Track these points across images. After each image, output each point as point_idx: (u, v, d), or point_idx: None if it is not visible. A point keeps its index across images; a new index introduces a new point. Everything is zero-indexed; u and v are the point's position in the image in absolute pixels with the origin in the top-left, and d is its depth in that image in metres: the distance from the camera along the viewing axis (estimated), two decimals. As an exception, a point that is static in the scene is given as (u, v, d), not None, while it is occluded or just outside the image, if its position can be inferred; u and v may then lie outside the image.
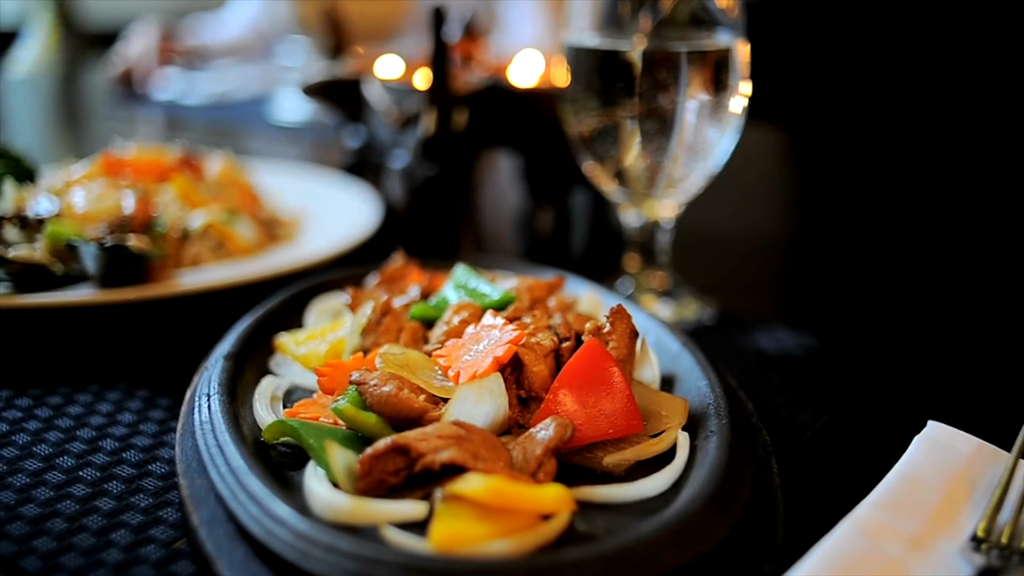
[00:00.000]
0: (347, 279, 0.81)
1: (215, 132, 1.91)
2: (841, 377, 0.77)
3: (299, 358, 0.67)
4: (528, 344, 0.59)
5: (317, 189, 1.11)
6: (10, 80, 3.09)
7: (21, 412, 0.69)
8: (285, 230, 0.97)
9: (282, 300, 0.75)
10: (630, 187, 0.85)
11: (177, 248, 0.89)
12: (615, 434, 0.57)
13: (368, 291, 0.72)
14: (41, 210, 0.91)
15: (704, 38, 0.82)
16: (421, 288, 0.69)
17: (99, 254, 0.77)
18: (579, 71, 0.83)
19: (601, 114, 0.82)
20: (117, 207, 0.89)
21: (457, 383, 0.57)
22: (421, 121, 0.87)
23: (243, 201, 0.97)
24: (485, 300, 0.67)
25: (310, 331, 0.70)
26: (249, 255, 0.91)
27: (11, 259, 0.79)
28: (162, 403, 0.70)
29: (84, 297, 0.76)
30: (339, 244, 0.90)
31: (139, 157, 0.98)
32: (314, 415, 0.59)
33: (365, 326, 0.64)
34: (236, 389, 0.61)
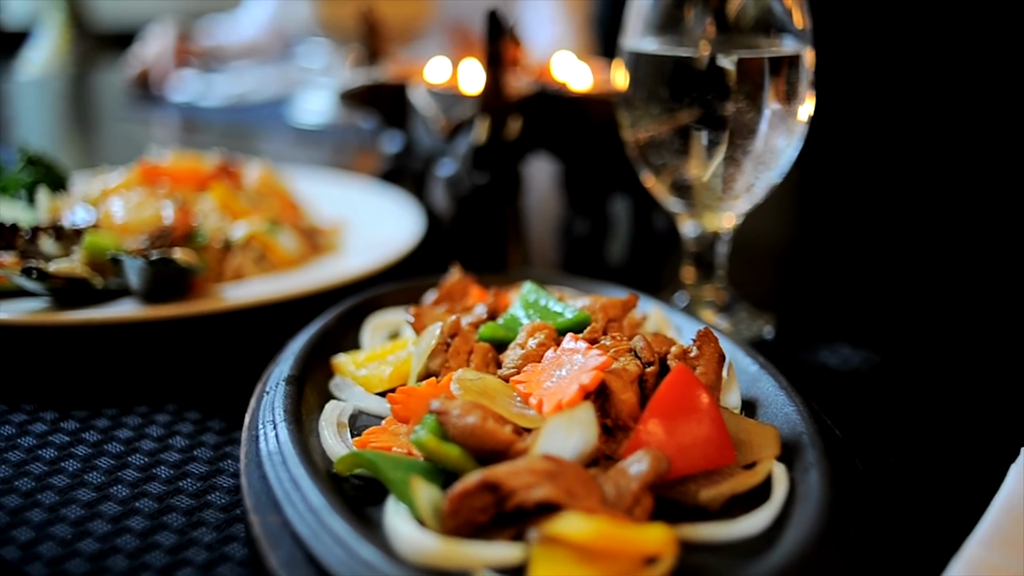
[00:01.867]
0: (400, 294, 0.78)
1: (233, 134, 1.88)
2: (913, 396, 0.74)
3: (361, 381, 0.64)
4: (614, 370, 0.56)
5: (354, 197, 1.08)
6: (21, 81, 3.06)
7: (68, 436, 0.65)
8: (327, 241, 0.94)
9: (337, 317, 0.72)
10: (690, 197, 0.82)
11: (219, 260, 0.86)
12: (706, 466, 0.54)
13: (429, 309, 0.69)
14: (78, 220, 0.88)
15: (770, 44, 0.78)
16: (487, 306, 0.66)
17: (145, 268, 0.73)
18: (640, 77, 0.80)
19: (663, 122, 0.79)
20: (157, 217, 0.86)
21: (541, 412, 0.54)
22: (472, 128, 0.84)
23: (284, 211, 0.93)
24: (558, 320, 0.63)
25: (369, 351, 0.67)
26: (292, 267, 0.88)
27: (52, 273, 0.75)
28: (214, 426, 0.67)
29: (132, 313, 0.73)
30: (385, 256, 0.87)
31: (176, 165, 0.94)
32: (385, 444, 0.55)
33: (434, 348, 0.61)
34: (301, 415, 0.58)
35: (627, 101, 0.82)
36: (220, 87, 2.14)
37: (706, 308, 0.85)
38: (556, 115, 0.95)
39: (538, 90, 0.95)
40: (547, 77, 1.03)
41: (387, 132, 1.11)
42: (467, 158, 0.85)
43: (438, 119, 0.89)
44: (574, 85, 0.98)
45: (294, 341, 0.70)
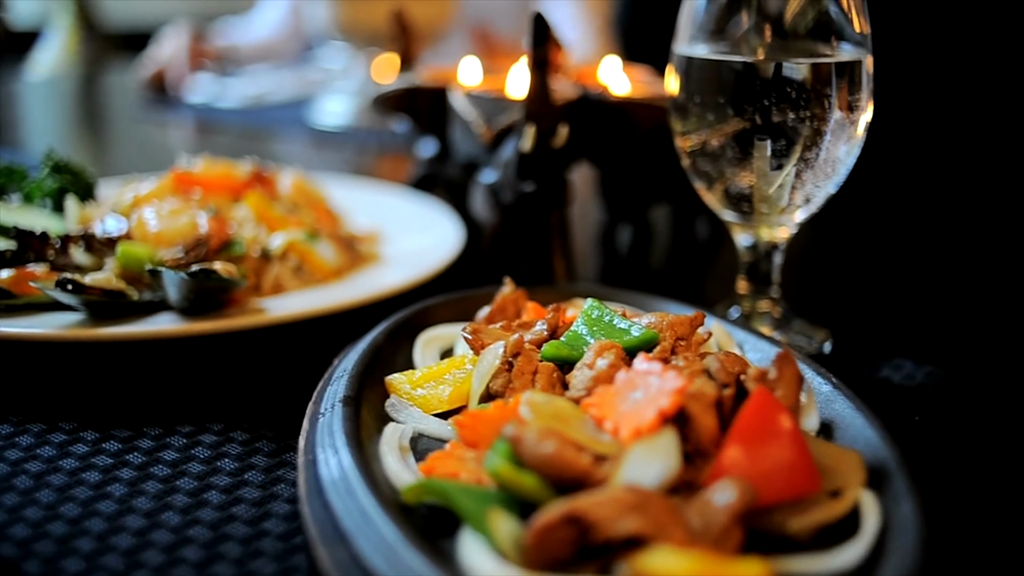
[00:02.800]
0: (448, 308, 0.75)
1: (250, 137, 1.85)
2: (986, 414, 0.71)
3: (418, 401, 0.61)
4: (692, 393, 0.53)
5: (388, 204, 1.05)
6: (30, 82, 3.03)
7: (111, 458, 0.63)
8: (365, 251, 0.91)
9: (387, 333, 0.69)
10: (746, 208, 0.79)
11: (256, 272, 0.83)
12: (792, 494, 0.51)
13: (483, 325, 0.66)
14: (109, 229, 0.85)
15: (828, 49, 0.76)
16: (548, 323, 0.63)
17: (186, 282, 0.71)
18: (695, 83, 0.77)
19: (719, 130, 0.76)
20: (192, 227, 0.83)
21: (616, 437, 0.52)
22: (517, 135, 0.81)
23: (321, 220, 0.91)
24: (624, 339, 0.61)
25: (425, 370, 0.64)
26: (332, 279, 0.85)
27: (89, 286, 0.73)
28: (263, 447, 0.64)
29: (174, 328, 0.70)
30: (429, 266, 0.84)
31: (209, 172, 0.91)
32: (451, 470, 0.53)
33: (497, 368, 0.58)
34: (362, 439, 0.55)
35: (680, 108, 0.79)
36: (237, 88, 2.11)
37: (762, 322, 0.83)
38: (599, 121, 0.92)
39: (580, 95, 0.92)
40: (586, 81, 1.01)
41: (421, 138, 1.08)
42: (512, 166, 0.83)
43: (480, 125, 0.87)
44: (616, 90, 0.96)
45: (344, 358, 0.68)
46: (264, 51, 2.42)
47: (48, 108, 2.40)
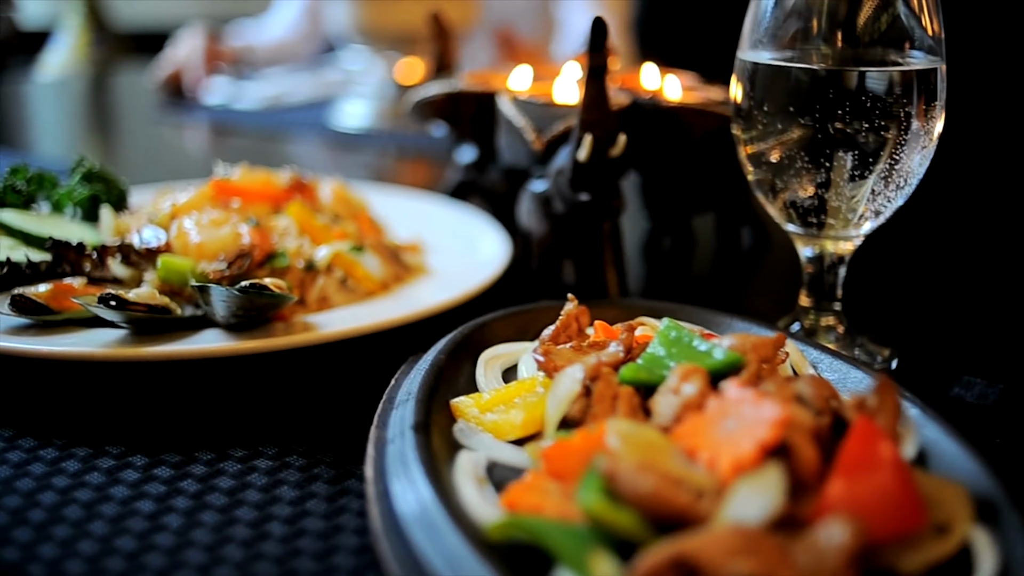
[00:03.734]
0: (507, 324, 0.72)
1: (268, 139, 1.82)
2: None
3: (489, 427, 0.58)
4: (792, 422, 0.50)
5: (426, 213, 1.02)
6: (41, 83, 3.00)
7: (164, 484, 0.59)
8: (411, 262, 0.88)
9: (448, 351, 0.66)
10: (812, 219, 0.76)
11: (300, 285, 0.80)
12: (899, 530, 0.48)
13: (552, 346, 0.63)
14: (148, 241, 0.82)
15: (901, 56, 0.73)
16: (623, 344, 0.60)
17: (237, 298, 0.67)
18: (761, 91, 0.74)
19: (787, 139, 0.73)
20: (234, 238, 0.80)
21: (712, 470, 0.49)
22: (573, 143, 0.78)
23: (365, 230, 0.88)
24: (707, 361, 0.58)
25: (494, 393, 0.61)
26: (379, 293, 0.82)
27: (134, 301, 0.70)
28: (322, 474, 0.61)
29: (230, 346, 0.67)
30: (479, 279, 0.81)
31: (248, 181, 0.88)
32: (535, 504, 0.50)
33: (577, 393, 0.55)
34: (440, 470, 0.52)
35: (745, 116, 0.76)
36: (253, 90, 2.08)
37: (826, 337, 0.80)
38: (651, 128, 0.89)
39: (631, 101, 0.89)
40: (634, 87, 0.98)
41: (459, 144, 1.05)
42: (566, 175, 0.80)
43: (531, 133, 0.84)
44: (668, 96, 0.93)
45: (404, 378, 0.65)
46: (279, 52, 2.40)
47: (59, 110, 2.37)
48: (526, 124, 0.84)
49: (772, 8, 0.75)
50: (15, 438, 0.65)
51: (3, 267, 0.80)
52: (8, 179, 0.94)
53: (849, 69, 0.70)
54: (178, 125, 2.00)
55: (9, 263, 0.80)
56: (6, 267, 0.79)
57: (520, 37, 2.00)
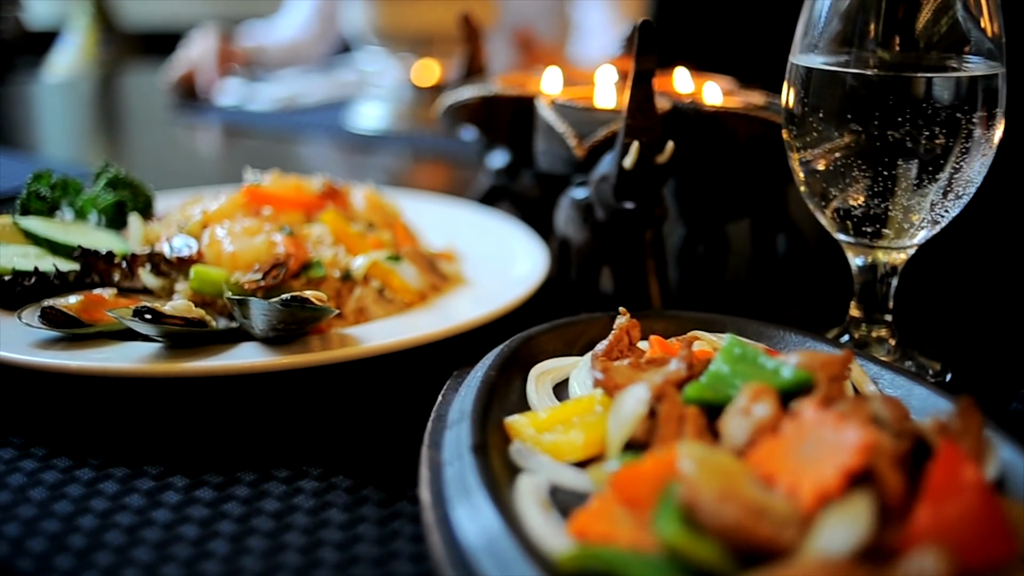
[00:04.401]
0: (554, 337, 0.70)
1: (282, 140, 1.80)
2: None
3: (548, 448, 0.56)
4: (876, 447, 0.48)
5: (456, 219, 1.00)
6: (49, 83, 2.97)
7: (207, 508, 0.57)
8: (448, 272, 0.85)
9: (499, 367, 0.63)
10: (867, 228, 0.74)
11: (336, 296, 0.77)
12: (989, 560, 0.46)
13: (609, 362, 0.61)
14: (180, 250, 0.80)
15: (959, 61, 0.70)
16: (684, 361, 0.58)
17: (280, 311, 0.65)
18: (816, 96, 0.72)
19: (842, 146, 0.71)
20: (269, 247, 0.77)
21: (793, 497, 0.46)
22: (619, 149, 0.76)
23: (400, 238, 0.85)
24: (775, 380, 0.55)
25: (549, 412, 0.59)
26: (417, 303, 0.79)
27: (170, 315, 0.67)
28: (371, 495, 0.59)
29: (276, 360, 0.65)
30: (521, 289, 0.79)
31: (279, 188, 0.86)
32: (606, 532, 0.47)
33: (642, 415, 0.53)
34: (503, 495, 0.50)
35: (798, 122, 0.74)
36: (267, 91, 2.06)
37: (879, 350, 0.77)
38: (692, 133, 0.87)
39: (671, 106, 0.87)
40: (670, 91, 0.95)
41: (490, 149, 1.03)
42: (610, 182, 0.77)
43: (573, 138, 0.81)
44: (707, 100, 0.90)
45: (453, 395, 0.63)
46: (291, 52, 2.38)
47: (67, 111, 2.35)
48: (567, 129, 0.82)
49: (827, 11, 0.72)
50: (49, 457, 0.63)
51: (30, 277, 0.77)
52: (32, 185, 0.92)
53: (911, 75, 0.68)
54: (191, 126, 1.98)
55: (37, 273, 0.77)
56: (34, 277, 0.77)
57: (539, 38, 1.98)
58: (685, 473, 0.47)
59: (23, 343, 0.69)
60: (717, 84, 0.96)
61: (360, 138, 1.79)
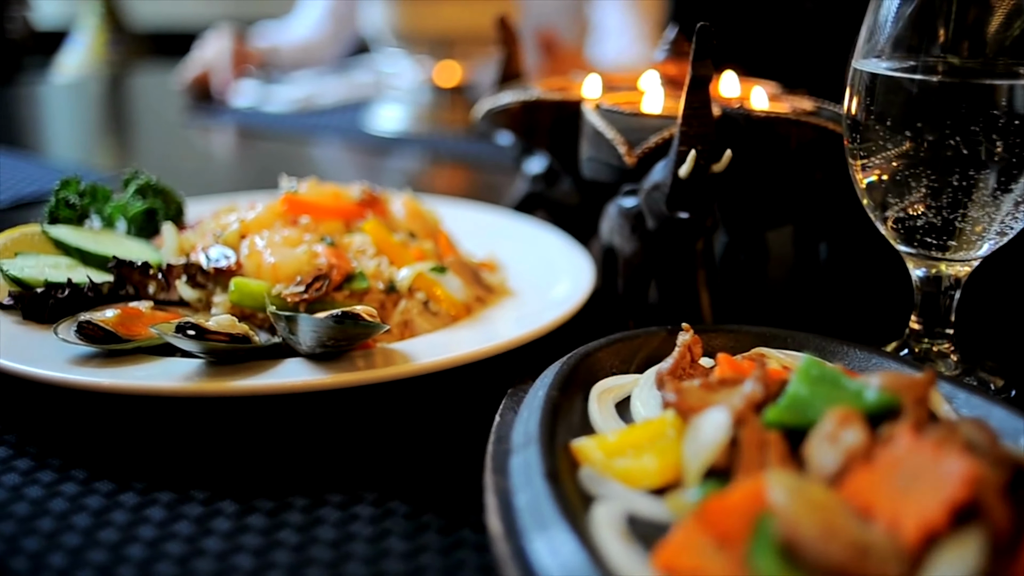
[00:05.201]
0: (609, 352, 0.67)
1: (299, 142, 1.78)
2: None
3: (620, 474, 0.53)
4: (980, 477, 0.45)
5: (493, 226, 0.97)
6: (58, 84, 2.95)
7: (260, 535, 0.55)
8: (492, 283, 0.82)
9: (560, 386, 0.61)
10: (932, 240, 0.71)
11: (382, 309, 0.75)
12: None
13: (679, 382, 0.58)
14: (217, 260, 0.77)
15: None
16: (760, 382, 0.55)
17: (331, 328, 0.63)
18: (881, 103, 0.69)
19: (909, 155, 0.68)
20: (310, 258, 0.75)
21: (894, 532, 0.44)
22: (671, 157, 0.73)
23: (442, 248, 0.83)
24: (858, 403, 0.53)
25: (618, 434, 0.56)
26: (463, 317, 0.77)
27: (214, 331, 0.65)
28: (431, 522, 0.56)
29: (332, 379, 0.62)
30: (570, 302, 0.76)
31: (319, 196, 0.83)
32: (694, 566, 0.45)
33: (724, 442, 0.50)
34: (583, 527, 0.47)
35: (861, 130, 0.71)
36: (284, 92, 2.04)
37: (943, 365, 0.75)
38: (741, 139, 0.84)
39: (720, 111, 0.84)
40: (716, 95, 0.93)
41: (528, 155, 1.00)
42: (663, 191, 0.75)
43: (622, 145, 0.79)
44: (756, 105, 0.88)
45: (515, 417, 0.60)
46: (305, 53, 2.35)
47: (76, 112, 2.32)
48: (616, 136, 0.79)
49: (892, 16, 0.70)
50: (90, 480, 0.60)
51: (64, 289, 0.75)
52: (60, 192, 0.89)
53: (985, 82, 0.65)
54: (205, 128, 1.95)
55: (71, 285, 0.75)
56: (67, 289, 0.75)
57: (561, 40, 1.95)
58: (779, 506, 0.45)
59: (60, 359, 0.66)
60: (763, 88, 0.93)
61: (378, 140, 1.76)
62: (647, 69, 0.96)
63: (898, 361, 0.67)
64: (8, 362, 0.65)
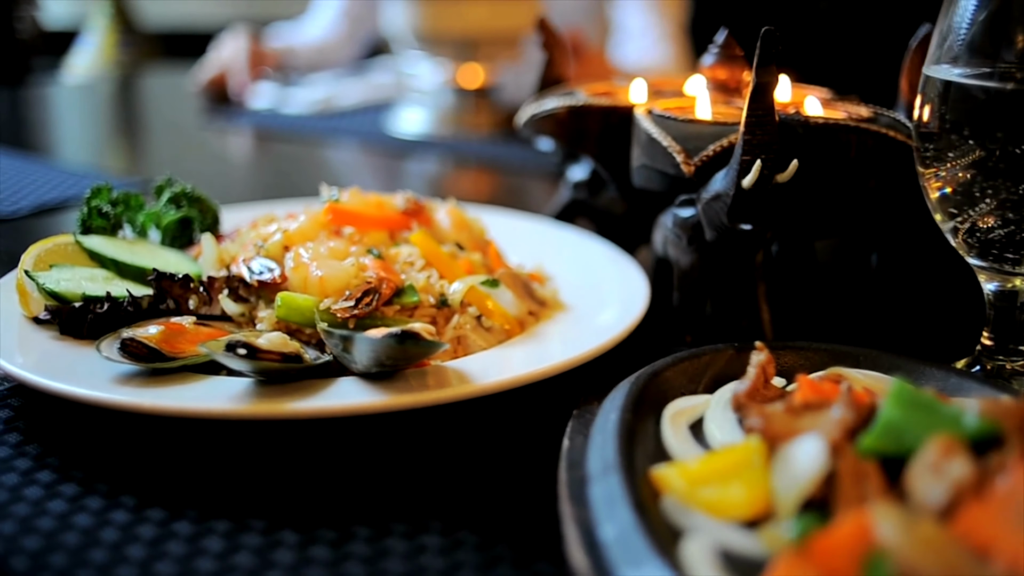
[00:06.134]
0: (676, 371, 0.65)
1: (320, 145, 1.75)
2: None
3: (706, 504, 0.51)
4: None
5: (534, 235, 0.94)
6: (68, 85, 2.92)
7: (324, 570, 0.52)
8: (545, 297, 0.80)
9: (631, 408, 0.58)
10: (1008, 253, 0.69)
11: (433, 325, 0.72)
12: None
13: (760, 406, 0.56)
14: (260, 273, 0.74)
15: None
16: (851, 407, 0.53)
17: (391, 347, 0.60)
18: (956, 112, 0.67)
19: (987, 166, 0.66)
20: (359, 271, 0.72)
21: (1019, 572, 0.41)
22: (733, 167, 0.71)
23: (491, 260, 0.80)
24: (958, 430, 0.50)
25: (699, 462, 0.53)
26: (516, 333, 0.74)
27: (266, 350, 0.62)
28: (503, 553, 0.53)
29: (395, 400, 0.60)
30: (628, 318, 0.73)
31: (362, 206, 0.81)
32: (799, 609, 0.42)
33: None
34: (680, 564, 0.45)
35: (935, 139, 0.68)
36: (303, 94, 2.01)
37: (1019, 383, 0.72)
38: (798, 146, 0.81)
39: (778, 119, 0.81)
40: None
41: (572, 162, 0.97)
42: (724, 201, 0.72)
43: (680, 154, 0.76)
44: (811, 111, 0.85)
45: (586, 442, 0.57)
46: (320, 53, 2.33)
47: (87, 113, 2.29)
48: (672, 144, 0.77)
49: (968, 21, 0.67)
50: (141, 507, 0.57)
51: (102, 304, 0.72)
52: (92, 200, 0.87)
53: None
54: (222, 131, 1.93)
55: (110, 299, 0.72)
56: (107, 303, 0.72)
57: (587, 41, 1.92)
58: (892, 544, 0.42)
59: (103, 378, 0.64)
60: (815, 94, 0.91)
61: (399, 143, 1.74)
62: (692, 73, 0.93)
63: (976, 380, 0.65)
64: (52, 381, 0.62)
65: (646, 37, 2.02)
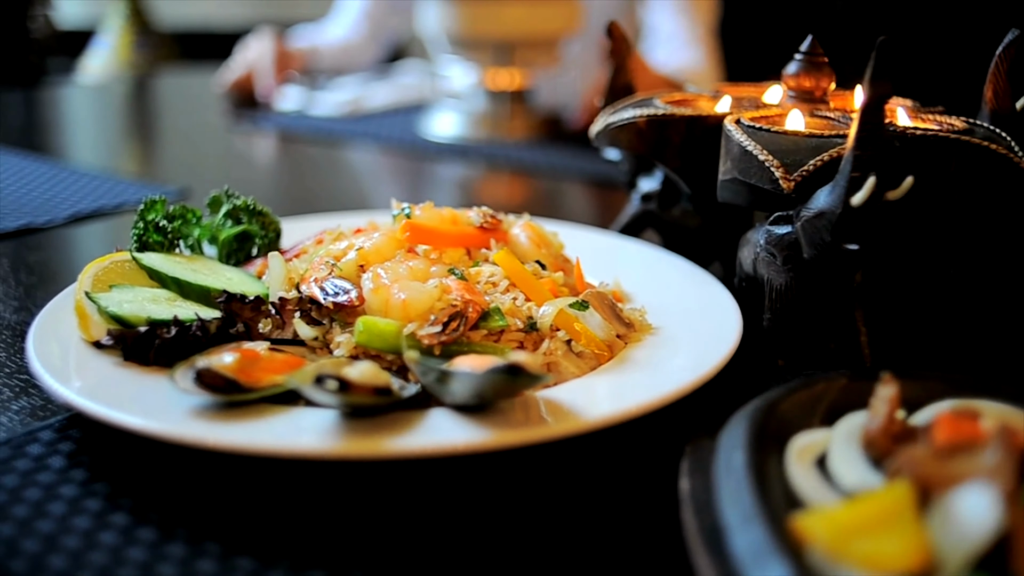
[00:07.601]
0: (791, 403, 0.61)
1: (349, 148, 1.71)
2: None
3: (862, 559, 0.46)
4: None
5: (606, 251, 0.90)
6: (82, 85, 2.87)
7: (442, 626, 0.48)
8: (633, 319, 0.75)
9: (755, 447, 0.54)
10: None
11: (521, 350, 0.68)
12: None
13: (906, 448, 0.52)
14: (336, 295, 0.70)
15: None
16: (1009, 449, 0.49)
17: (493, 381, 0.56)
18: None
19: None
20: (442, 293, 0.68)
21: None
22: (841, 183, 0.67)
23: (576, 281, 0.76)
24: None
25: (844, 510, 0.49)
26: (606, 358, 0.70)
27: (357, 383, 0.58)
28: (630, 608, 0.50)
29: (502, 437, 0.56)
30: (726, 342, 0.69)
31: (437, 221, 0.76)
32: None
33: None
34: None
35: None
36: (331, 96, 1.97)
37: None
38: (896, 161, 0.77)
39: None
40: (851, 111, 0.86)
41: (642, 173, 0.93)
42: (828, 219, 0.68)
43: (778, 168, 0.72)
44: (901, 123, 0.81)
45: (715, 485, 0.53)
46: (344, 54, 2.28)
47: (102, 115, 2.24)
48: (769, 158, 0.73)
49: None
50: (228, 555, 0.53)
51: (169, 328, 0.68)
52: (147, 214, 0.82)
53: None
54: (248, 133, 1.88)
55: (177, 323, 0.68)
56: (175, 328, 0.68)
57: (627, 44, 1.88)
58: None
59: (179, 412, 0.60)
60: (902, 105, 0.87)
61: (429, 146, 1.69)
62: (774, 82, 0.89)
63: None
64: (127, 416, 0.58)
65: (677, 40, 1.98)
